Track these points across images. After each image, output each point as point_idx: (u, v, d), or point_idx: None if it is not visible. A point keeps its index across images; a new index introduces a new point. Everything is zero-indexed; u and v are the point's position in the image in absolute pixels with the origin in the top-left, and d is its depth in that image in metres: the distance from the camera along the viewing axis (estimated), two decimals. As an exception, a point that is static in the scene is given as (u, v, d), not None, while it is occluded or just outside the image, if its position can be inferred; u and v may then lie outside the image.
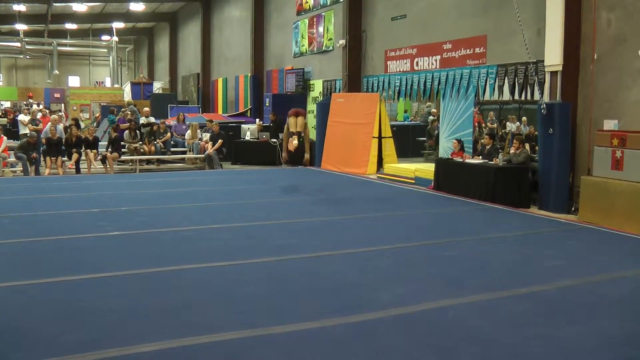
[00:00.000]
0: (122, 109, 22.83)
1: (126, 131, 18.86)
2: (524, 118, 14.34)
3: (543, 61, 11.76)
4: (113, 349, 4.64)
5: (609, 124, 10.73)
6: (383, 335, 5.02)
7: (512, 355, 4.69)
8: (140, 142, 18.77)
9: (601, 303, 5.97)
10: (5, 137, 17.28)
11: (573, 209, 11.07)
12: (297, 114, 17.80)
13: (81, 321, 5.27)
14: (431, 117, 21.14)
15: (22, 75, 54.22)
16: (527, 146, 12.56)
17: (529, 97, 12.80)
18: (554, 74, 11.53)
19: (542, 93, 11.86)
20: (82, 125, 24.39)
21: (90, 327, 5.12)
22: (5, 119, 26.59)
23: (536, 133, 12.68)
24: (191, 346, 4.73)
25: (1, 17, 37.97)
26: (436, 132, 17.69)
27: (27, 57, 48.39)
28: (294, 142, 17.26)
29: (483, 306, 5.78)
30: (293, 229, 9.49)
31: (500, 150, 13.08)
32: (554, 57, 11.43)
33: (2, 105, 42.56)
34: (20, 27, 38.93)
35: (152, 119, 21.17)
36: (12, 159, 16.98)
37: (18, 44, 42.35)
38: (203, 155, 18.99)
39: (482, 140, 13.51)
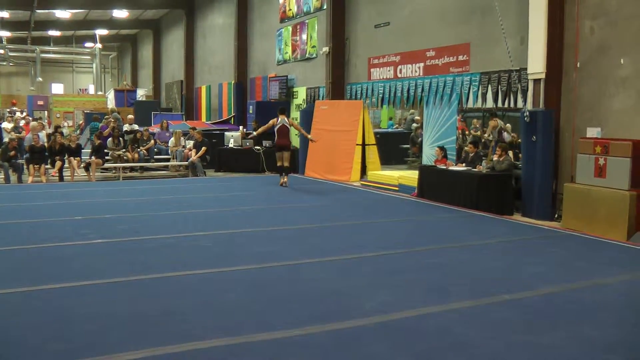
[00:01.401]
0: (106, 117, 22.71)
1: (109, 138, 18.74)
2: (508, 125, 14.38)
3: (526, 69, 11.81)
4: (96, 357, 4.60)
5: (592, 132, 10.78)
6: (365, 343, 4.99)
7: (495, 362, 4.68)
8: (124, 150, 18.65)
9: (583, 310, 5.97)
10: (-13, 146, 17.15)
11: (556, 216, 11.11)
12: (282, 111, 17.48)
13: (63, 329, 5.22)
14: (415, 125, 21.18)
15: (4, 83, 53.81)
16: (510, 153, 12.59)
17: (512, 105, 12.85)
18: (537, 81, 11.59)
19: (525, 101, 11.91)
20: (65, 132, 24.21)
21: (72, 336, 5.07)
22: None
23: (519, 140, 12.72)
24: (173, 354, 4.68)
25: (-17, 24, 37.79)
26: (420, 139, 17.71)
27: (10, 64, 48.05)
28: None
29: (466, 313, 5.77)
30: (275, 236, 9.45)
31: (483, 158, 13.12)
32: (537, 65, 11.49)
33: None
34: (3, 34, 38.77)
35: (135, 126, 21.06)
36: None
37: (1, 51, 42.08)
38: (187, 163, 18.90)
39: (467, 148, 13.55)
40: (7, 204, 12.35)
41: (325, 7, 19.15)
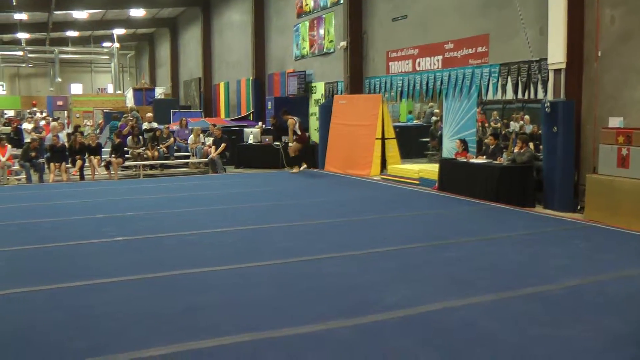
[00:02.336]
0: (124, 115, 22.80)
1: (129, 137, 18.84)
2: (527, 117, 14.26)
3: (546, 59, 11.70)
4: (119, 354, 4.64)
5: (614, 122, 10.66)
6: (389, 337, 4.97)
7: (519, 356, 4.64)
8: (143, 148, 18.73)
9: (609, 303, 5.91)
10: (9, 146, 17.28)
11: (578, 207, 11.01)
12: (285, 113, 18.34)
13: (87, 327, 5.27)
14: (434, 118, 21.09)
15: (24, 84, 54.31)
16: (531, 145, 12.50)
17: (532, 96, 12.74)
18: (557, 72, 11.47)
19: (545, 91, 11.81)
20: (86, 132, 24.38)
21: (96, 333, 5.12)
22: (9, 127, 26.61)
23: (540, 132, 12.61)
24: (196, 350, 4.70)
25: (3, 27, 38.06)
26: (439, 132, 17.63)
27: (30, 65, 48.47)
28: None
29: (489, 307, 5.73)
30: (297, 231, 9.46)
31: (504, 150, 13.03)
32: (557, 54, 11.37)
33: (5, 114, 42.68)
34: (22, 35, 39.04)
35: (154, 125, 21.15)
36: (17, 167, 16.97)
37: (20, 53, 42.46)
38: (206, 160, 18.95)
39: (487, 140, 13.45)
40: (28, 203, 12.48)
41: (341, 1, 19.08)
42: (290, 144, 18.02)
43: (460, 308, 5.67)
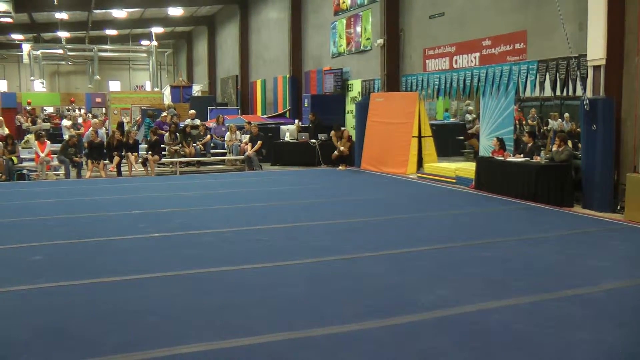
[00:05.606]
0: (162, 114, 22.90)
1: (166, 134, 19.00)
2: (566, 115, 14.06)
3: (585, 55, 11.51)
4: (154, 350, 4.69)
5: (655, 120, 10.47)
6: (425, 338, 4.95)
7: None
8: (180, 145, 18.87)
9: (650, 305, 5.80)
10: (49, 142, 17.56)
11: (618, 207, 10.81)
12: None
13: (123, 322, 5.33)
14: (467, 116, 20.97)
15: (64, 81, 55.15)
16: (569, 143, 12.31)
17: (570, 93, 12.55)
18: (596, 68, 11.28)
19: (584, 88, 11.62)
20: (126, 128, 24.63)
21: (132, 328, 5.18)
22: (49, 123, 27.03)
23: (578, 130, 12.43)
24: (231, 348, 4.73)
25: (44, 25, 38.83)
26: (470, 126, 17.56)
27: (69, 63, 49.08)
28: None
29: (526, 309, 5.65)
30: (332, 229, 9.44)
31: (542, 148, 12.85)
32: (596, 50, 11.18)
33: (45, 110, 43.34)
34: (63, 34, 39.68)
35: (197, 122, 21.30)
36: (55, 162, 17.24)
37: (60, 51, 43.02)
38: (242, 157, 19.04)
39: (523, 138, 13.29)
40: (67, 199, 12.68)
41: (378, -2, 19.03)
42: (340, 148, 18.12)
43: (497, 310, 5.61)
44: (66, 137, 18.94)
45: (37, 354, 4.65)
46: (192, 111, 23.11)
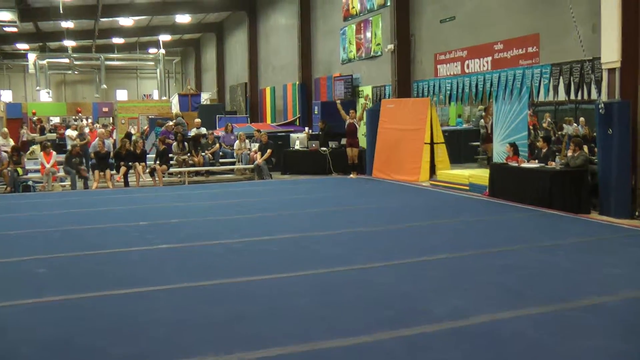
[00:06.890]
0: (167, 123, 22.77)
1: (174, 143, 18.91)
2: (582, 119, 13.87)
3: (599, 58, 11.32)
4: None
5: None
6: (438, 350, 4.83)
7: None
8: (188, 154, 18.76)
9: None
10: (54, 152, 17.46)
11: (636, 213, 10.62)
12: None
13: (131, 334, 5.27)
14: (482, 122, 20.77)
15: (70, 91, 55.39)
16: (585, 148, 12.11)
17: (585, 97, 12.36)
18: (611, 71, 11.09)
19: (599, 92, 11.43)
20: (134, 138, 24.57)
21: (140, 340, 5.12)
22: (55, 134, 26.95)
23: (594, 134, 12.22)
24: (240, 361, 4.63)
25: (50, 35, 38.93)
26: (483, 125, 17.39)
27: (76, 72, 49.34)
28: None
29: (541, 318, 5.50)
30: (344, 239, 9.31)
31: (557, 154, 12.66)
32: (611, 53, 10.99)
33: (51, 120, 43.45)
34: (69, 43, 39.76)
35: (203, 130, 21.17)
36: (61, 173, 17.16)
37: (67, 60, 43.20)
38: (252, 166, 18.93)
39: (538, 144, 13.10)
40: (73, 210, 12.60)
41: (389, 3, 18.89)
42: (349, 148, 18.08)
43: (512, 319, 5.46)
44: (69, 147, 18.84)
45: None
46: (198, 120, 23.01)
